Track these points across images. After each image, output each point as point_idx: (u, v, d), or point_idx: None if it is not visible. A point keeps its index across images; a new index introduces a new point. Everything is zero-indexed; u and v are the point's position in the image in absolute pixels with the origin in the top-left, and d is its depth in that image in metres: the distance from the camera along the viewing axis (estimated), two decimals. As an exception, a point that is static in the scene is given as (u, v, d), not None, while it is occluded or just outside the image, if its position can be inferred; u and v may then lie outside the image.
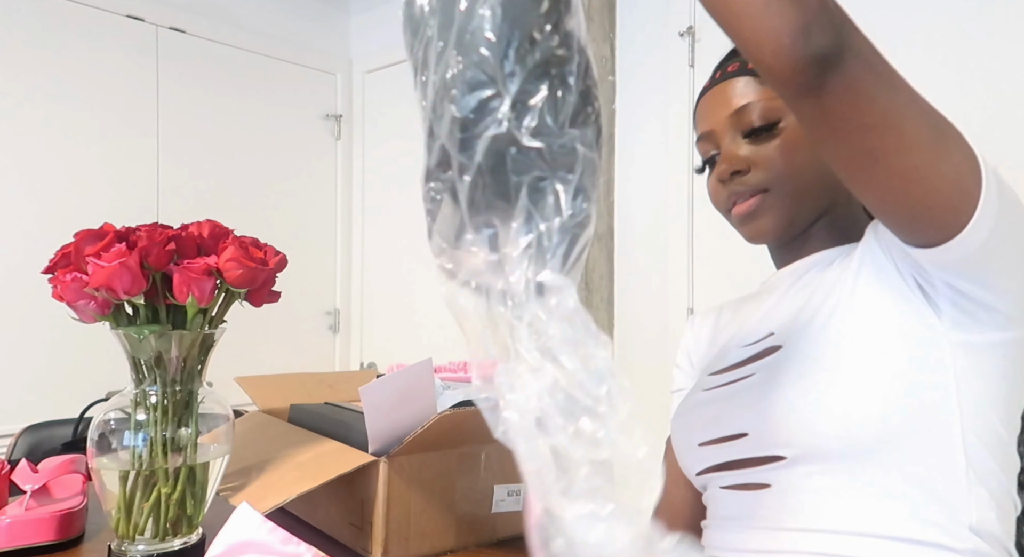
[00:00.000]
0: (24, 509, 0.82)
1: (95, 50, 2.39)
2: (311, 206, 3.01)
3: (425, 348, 2.66)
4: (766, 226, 0.74)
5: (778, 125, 0.72)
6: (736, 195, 0.75)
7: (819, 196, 0.73)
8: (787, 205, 0.73)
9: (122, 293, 0.72)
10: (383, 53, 3.00)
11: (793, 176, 0.72)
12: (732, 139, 0.75)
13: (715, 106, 0.77)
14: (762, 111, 0.73)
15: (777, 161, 0.72)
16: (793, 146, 0.71)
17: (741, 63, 0.76)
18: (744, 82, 0.75)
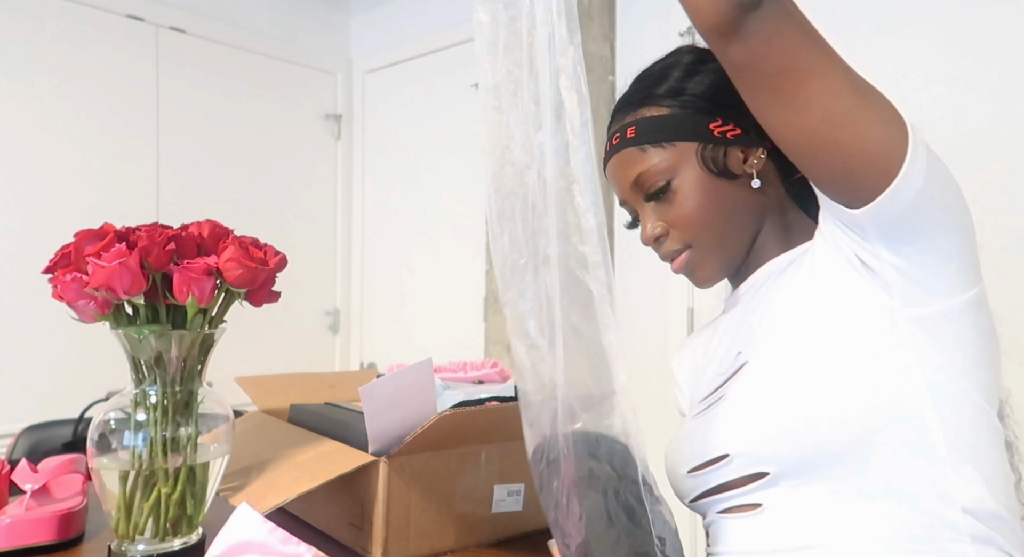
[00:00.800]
0: (24, 509, 0.82)
1: (95, 50, 2.39)
2: (311, 206, 3.01)
3: (425, 348, 2.66)
4: (706, 275, 0.77)
5: (670, 186, 0.74)
6: (668, 255, 0.78)
7: (739, 233, 0.75)
8: (715, 252, 0.75)
9: (122, 293, 0.72)
10: (383, 53, 3.01)
11: (704, 228, 0.74)
12: (641, 205, 0.78)
13: (617, 177, 0.79)
14: (653, 178, 0.75)
15: (685, 218, 0.74)
16: (691, 201, 0.73)
17: (621, 134, 0.79)
18: (627, 154, 0.77)
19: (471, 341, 2.51)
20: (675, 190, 0.74)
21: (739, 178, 0.74)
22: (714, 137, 0.74)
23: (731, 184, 0.74)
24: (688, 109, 0.75)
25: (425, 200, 2.86)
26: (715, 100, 0.74)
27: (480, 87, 0.68)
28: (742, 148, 0.74)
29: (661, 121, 0.75)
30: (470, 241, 2.58)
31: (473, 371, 1.14)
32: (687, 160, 0.74)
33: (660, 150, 0.75)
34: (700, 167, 0.74)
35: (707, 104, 0.74)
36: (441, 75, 2.78)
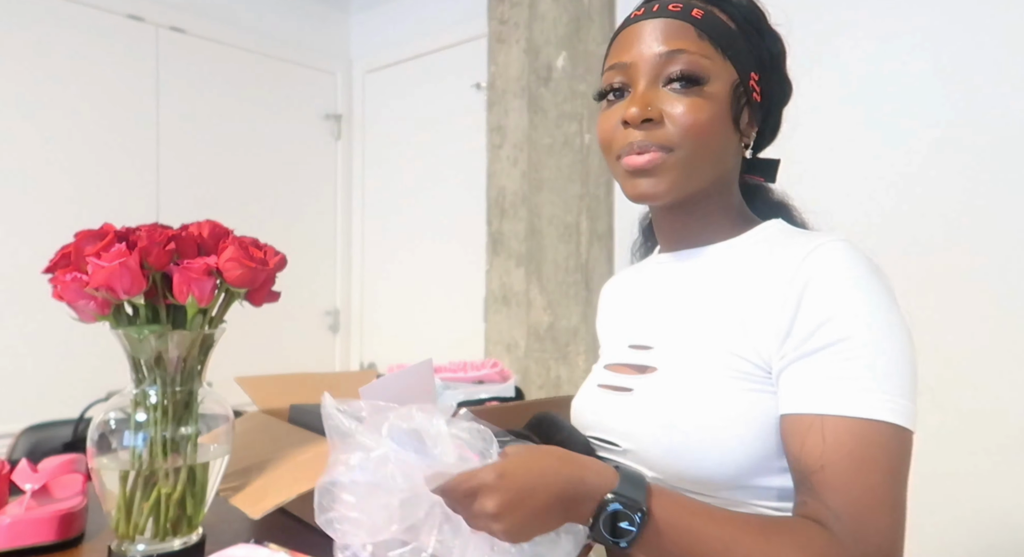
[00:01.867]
0: (24, 509, 0.82)
1: (95, 50, 2.39)
2: (311, 206, 3.01)
3: (425, 348, 2.66)
4: (663, 188, 0.70)
5: (703, 86, 0.69)
6: (638, 145, 0.69)
7: (711, 170, 0.72)
8: (682, 171, 0.69)
9: (122, 293, 0.72)
10: (383, 53, 3.01)
11: (699, 143, 0.69)
12: (652, 82, 0.70)
13: (644, 39, 0.70)
14: (694, 65, 0.69)
15: (691, 123, 0.68)
16: (710, 110, 0.69)
17: (684, 6, 0.71)
18: (683, 27, 0.70)
19: (471, 341, 2.51)
20: (703, 93, 0.69)
21: (737, 132, 0.72)
22: (748, 84, 0.72)
23: (732, 131, 0.72)
24: (750, 44, 0.72)
25: (425, 200, 2.86)
26: (771, 64, 0.73)
27: None
28: (751, 114, 0.73)
29: (729, 31, 0.71)
30: (470, 241, 2.57)
31: (473, 371, 1.14)
32: (725, 80, 0.70)
33: (714, 50, 0.69)
34: (728, 95, 0.70)
35: (766, 58, 0.73)
36: (441, 75, 2.78)
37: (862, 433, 0.59)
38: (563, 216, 2.07)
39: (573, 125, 2.06)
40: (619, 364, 0.78)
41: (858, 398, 0.60)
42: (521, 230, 2.09)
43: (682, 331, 0.73)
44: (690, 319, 0.72)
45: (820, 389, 0.62)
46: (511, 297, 2.13)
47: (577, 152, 2.06)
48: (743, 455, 0.64)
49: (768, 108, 0.76)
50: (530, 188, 2.08)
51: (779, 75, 0.76)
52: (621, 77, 0.72)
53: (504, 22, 2.13)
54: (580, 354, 2.06)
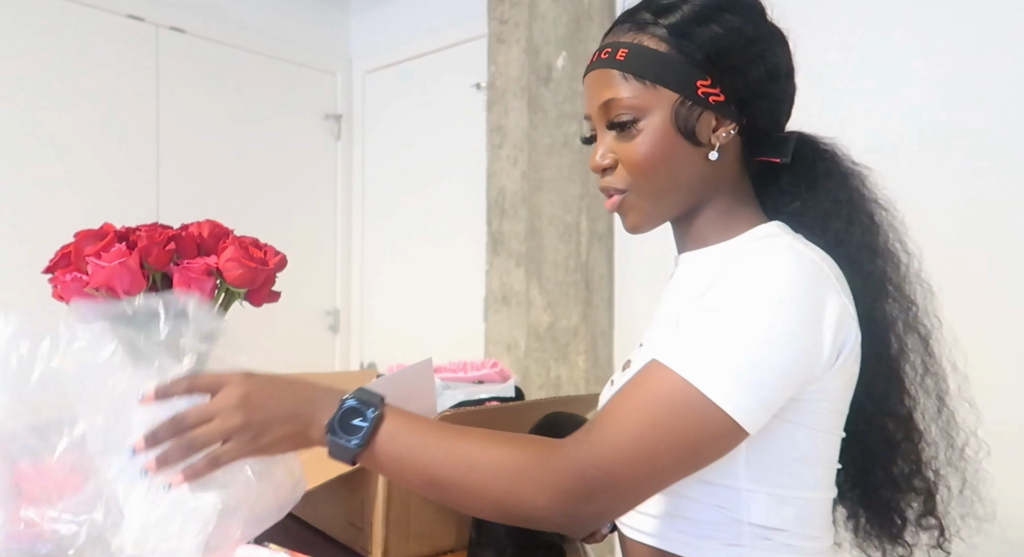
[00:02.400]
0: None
1: (95, 50, 2.39)
2: (311, 206, 3.01)
3: (425, 348, 2.66)
4: (634, 222, 0.77)
5: (636, 124, 0.72)
6: (604, 190, 0.77)
7: (677, 196, 0.75)
8: (645, 205, 0.75)
9: (122, 293, 0.72)
10: (383, 53, 3.01)
11: (647, 178, 0.73)
12: (603, 130, 0.76)
13: (589, 92, 0.77)
14: (624, 109, 0.72)
15: (633, 163, 0.73)
16: (647, 147, 0.72)
17: (612, 50, 0.74)
18: (610, 74, 0.73)
19: (471, 341, 2.51)
20: (638, 130, 0.72)
21: (700, 146, 0.72)
22: (696, 96, 0.71)
23: (690, 148, 0.72)
24: (684, 56, 0.71)
25: (425, 200, 2.85)
26: (714, 58, 0.71)
27: None
28: (717, 116, 0.72)
29: (654, 58, 0.72)
30: (470, 241, 2.57)
31: (473, 371, 1.14)
32: (661, 107, 0.71)
33: (640, 86, 0.72)
34: (670, 120, 0.71)
35: (705, 59, 0.71)
36: (441, 75, 2.78)
37: (665, 380, 0.62)
38: (563, 216, 2.07)
39: (573, 125, 2.06)
40: (628, 361, 0.81)
41: (686, 355, 0.62)
42: (521, 230, 2.09)
43: (661, 333, 0.75)
44: (664, 318, 0.77)
45: (668, 341, 0.65)
46: (511, 297, 2.13)
47: (577, 152, 2.06)
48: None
49: (742, 96, 0.73)
50: (530, 188, 2.08)
51: (739, 64, 0.72)
52: (589, 125, 0.79)
53: (504, 22, 2.13)
54: (580, 354, 2.07)
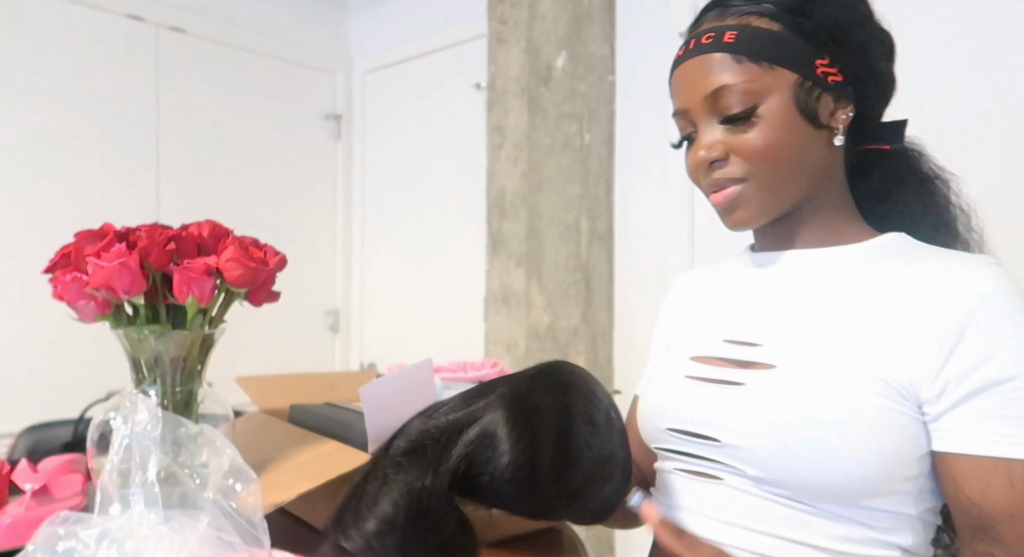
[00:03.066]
0: (24, 509, 0.82)
1: (95, 50, 2.39)
2: (311, 206, 3.01)
3: (425, 348, 2.66)
4: (744, 217, 0.71)
5: (756, 111, 0.67)
6: (714, 184, 0.72)
7: (798, 184, 0.70)
8: (765, 195, 0.70)
9: (122, 293, 0.72)
10: (383, 53, 3.01)
11: (771, 166, 0.68)
12: (709, 123, 0.70)
13: (690, 83, 0.71)
14: (739, 96, 0.67)
15: (755, 151, 0.68)
16: (771, 133, 0.67)
17: (716, 34, 0.69)
18: (719, 59, 0.68)
19: (471, 341, 2.51)
20: (759, 117, 0.67)
21: (822, 129, 0.69)
22: (815, 75, 0.67)
23: (813, 131, 0.68)
24: (802, 35, 0.67)
25: (425, 200, 2.85)
26: (833, 36, 0.68)
27: None
28: (835, 98, 0.69)
29: (769, 37, 0.67)
30: (470, 241, 2.57)
31: (473, 371, 1.14)
32: (781, 89, 0.67)
33: (757, 68, 0.67)
34: (792, 101, 0.67)
35: (824, 37, 0.67)
36: (441, 75, 2.78)
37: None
38: (563, 216, 2.06)
39: (573, 125, 2.06)
40: (713, 358, 0.74)
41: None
42: (521, 230, 2.09)
43: (799, 333, 0.69)
44: (808, 323, 0.69)
45: (997, 430, 0.58)
46: (511, 297, 2.13)
47: (577, 152, 2.06)
48: (866, 471, 0.61)
49: (860, 77, 0.70)
50: (530, 188, 2.08)
51: (855, 41, 0.69)
52: (684, 122, 0.73)
53: (504, 22, 2.13)
54: (580, 354, 2.07)
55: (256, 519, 0.56)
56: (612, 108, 2.14)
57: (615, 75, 2.16)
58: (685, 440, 0.72)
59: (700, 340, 0.78)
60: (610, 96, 2.14)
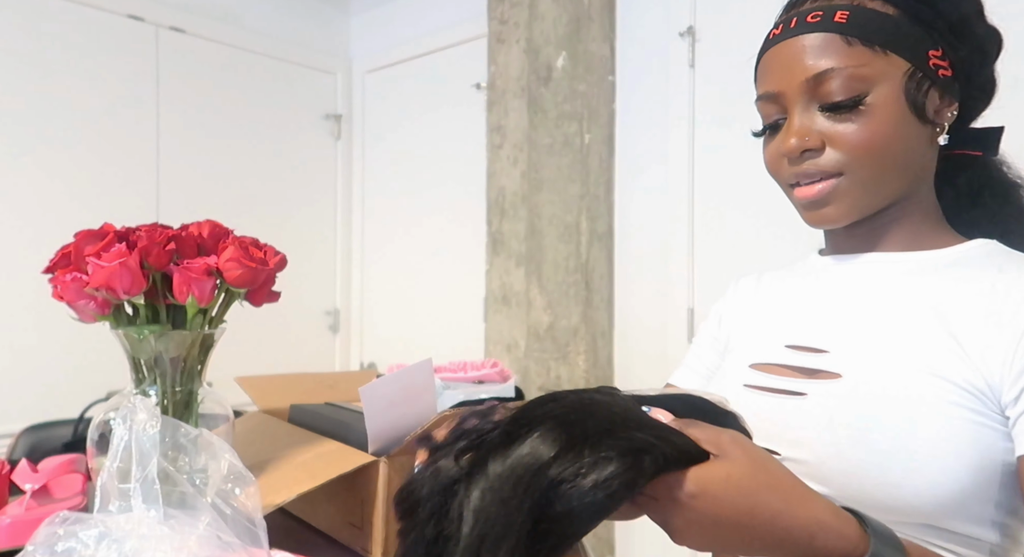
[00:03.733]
0: (24, 509, 0.82)
1: (95, 50, 2.39)
2: (311, 206, 3.01)
3: (425, 348, 2.66)
4: (834, 214, 0.66)
5: (864, 100, 0.62)
6: (804, 175, 0.65)
7: (896, 182, 0.65)
8: (861, 193, 0.64)
9: (122, 293, 0.72)
10: (383, 53, 3.01)
11: (874, 161, 0.62)
12: (805, 108, 0.64)
13: (788, 64, 0.64)
14: (847, 81, 0.61)
15: (858, 143, 0.62)
16: (879, 125, 0.61)
17: (824, 13, 0.63)
18: (827, 40, 0.62)
19: (471, 341, 2.51)
20: (867, 107, 0.61)
21: (927, 124, 0.64)
22: (927, 66, 0.62)
23: (919, 127, 0.63)
24: (919, 22, 0.62)
25: (425, 200, 2.86)
26: (952, 26, 0.63)
27: None
28: (941, 94, 0.64)
29: (885, 21, 0.62)
30: (470, 241, 2.57)
31: (473, 371, 1.14)
32: (892, 77, 0.62)
33: (870, 53, 0.61)
34: (902, 93, 0.62)
35: (942, 26, 0.63)
36: (441, 75, 2.78)
37: None
38: (563, 216, 2.06)
39: (573, 125, 2.06)
40: (774, 365, 0.69)
41: None
42: (521, 230, 2.09)
43: (871, 340, 0.63)
44: (883, 329, 0.63)
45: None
46: (511, 297, 2.13)
47: (577, 152, 2.06)
48: (950, 490, 0.55)
49: (968, 75, 0.66)
50: (530, 188, 2.08)
51: (972, 35, 0.65)
52: (772, 108, 0.68)
53: (504, 22, 2.13)
54: (580, 354, 2.06)
55: (255, 519, 0.56)
56: (612, 108, 2.14)
57: (615, 75, 2.16)
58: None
59: (760, 346, 0.72)
60: (610, 96, 2.14)
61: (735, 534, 0.44)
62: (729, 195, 1.89)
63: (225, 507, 0.56)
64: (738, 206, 1.87)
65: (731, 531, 0.44)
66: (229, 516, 0.55)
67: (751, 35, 2.17)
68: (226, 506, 0.56)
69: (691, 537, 0.44)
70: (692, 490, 0.43)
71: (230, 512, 0.56)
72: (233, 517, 0.55)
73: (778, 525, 0.44)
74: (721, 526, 0.43)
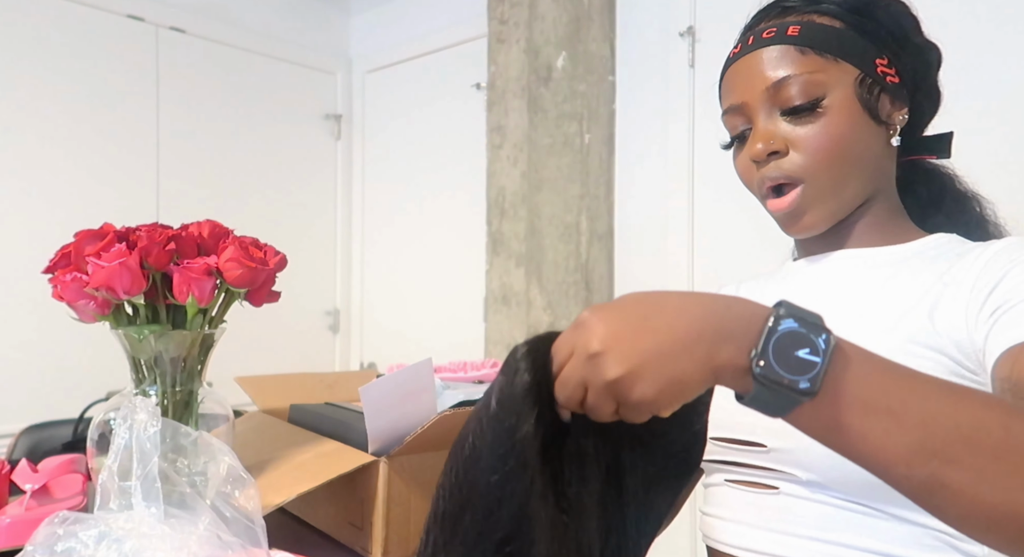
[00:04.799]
0: (24, 509, 0.82)
1: (95, 50, 2.39)
2: (311, 206, 3.01)
3: (425, 348, 2.66)
4: (813, 221, 0.69)
5: (821, 103, 0.66)
6: (770, 180, 0.69)
7: (859, 182, 0.68)
8: (830, 196, 0.68)
9: (122, 293, 0.72)
10: (383, 53, 3.01)
11: (834, 161, 0.66)
12: (768, 116, 0.69)
13: (748, 76, 0.69)
14: (804, 86, 0.66)
15: (819, 145, 0.66)
16: (836, 127, 0.66)
17: (778, 29, 0.68)
18: (782, 51, 0.67)
19: (471, 341, 2.51)
20: (824, 109, 0.66)
21: (881, 126, 0.68)
22: (876, 73, 0.67)
23: (874, 128, 0.68)
24: (863, 34, 0.68)
25: (425, 200, 2.86)
26: (895, 37, 0.68)
27: None
28: (892, 99, 0.69)
29: (833, 33, 0.67)
30: (470, 241, 2.57)
31: (473, 371, 1.14)
32: (844, 82, 0.66)
33: (822, 60, 0.66)
34: (855, 95, 0.67)
35: (886, 37, 0.68)
36: (441, 75, 2.78)
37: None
38: (563, 216, 2.06)
39: (573, 125, 2.06)
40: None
41: None
42: (521, 230, 2.09)
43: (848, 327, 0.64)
44: (859, 316, 0.66)
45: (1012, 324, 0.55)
46: (511, 297, 2.13)
47: (577, 152, 2.06)
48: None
49: (914, 82, 0.71)
50: (530, 188, 2.08)
51: (912, 45, 0.70)
52: (737, 119, 0.72)
53: (504, 22, 2.13)
54: (580, 354, 2.06)
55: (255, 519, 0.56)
56: (612, 108, 2.14)
57: (615, 75, 2.16)
58: (731, 449, 0.69)
59: None
60: (610, 96, 2.14)
61: (660, 323, 0.41)
62: (729, 195, 1.88)
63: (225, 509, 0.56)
64: (738, 206, 1.87)
65: (655, 318, 0.41)
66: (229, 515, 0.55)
67: (751, 35, 2.13)
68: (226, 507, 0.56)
69: (618, 352, 0.40)
70: (585, 313, 0.42)
71: (230, 514, 0.56)
72: (233, 518, 0.55)
73: (694, 300, 0.42)
74: (641, 315, 0.41)
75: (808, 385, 0.40)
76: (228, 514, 0.55)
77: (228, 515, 0.55)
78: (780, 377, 0.40)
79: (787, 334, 0.40)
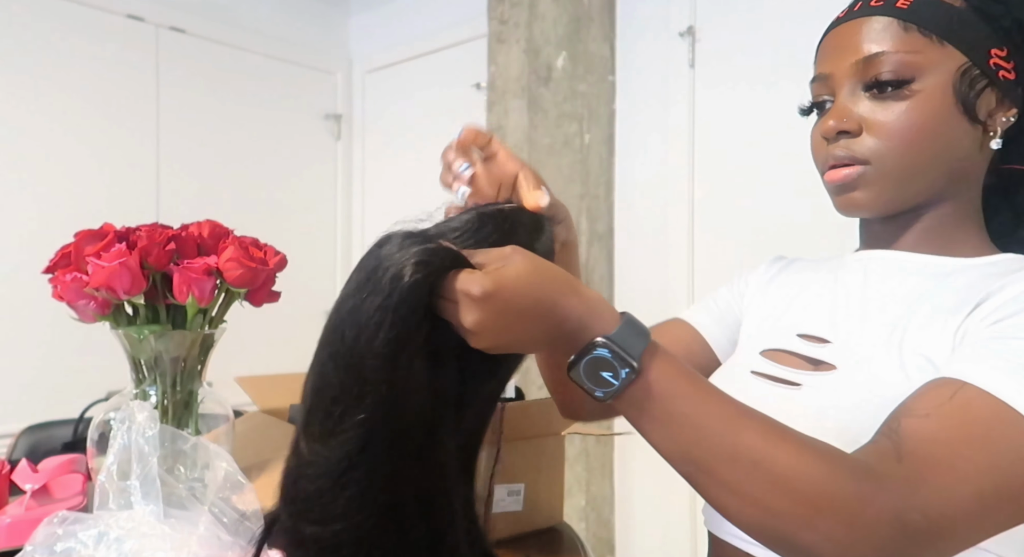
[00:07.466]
0: (24, 509, 0.82)
1: (95, 50, 2.39)
2: (311, 206, 3.01)
3: (425, 348, 2.66)
4: (862, 200, 0.64)
5: (910, 85, 0.60)
6: (835, 159, 0.64)
7: (930, 178, 0.62)
8: (887, 185, 0.62)
9: (122, 293, 0.72)
10: (383, 53, 3.01)
11: (907, 151, 0.61)
12: (851, 91, 0.64)
13: (842, 46, 0.64)
14: (897, 65, 0.60)
15: (895, 131, 0.61)
16: (919, 115, 0.60)
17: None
18: (884, 24, 0.62)
19: (471, 341, 2.51)
20: (911, 92, 0.60)
21: (976, 125, 0.61)
22: (986, 64, 0.60)
23: (966, 125, 0.61)
24: (985, 18, 0.61)
25: (425, 200, 2.85)
26: (1022, 28, 0.61)
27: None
28: (999, 97, 0.62)
29: (947, 11, 0.61)
30: (470, 241, 2.58)
31: (473, 371, 1.13)
32: (944, 70, 0.60)
33: (925, 41, 0.60)
34: (951, 86, 0.60)
35: (1010, 24, 0.61)
36: (441, 75, 2.78)
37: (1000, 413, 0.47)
38: (563, 216, 2.06)
39: (573, 125, 2.06)
40: (783, 352, 0.68)
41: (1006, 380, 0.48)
42: (521, 230, 2.09)
43: (874, 334, 0.62)
44: (888, 324, 0.61)
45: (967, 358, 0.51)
46: (511, 297, 2.13)
47: (577, 152, 2.06)
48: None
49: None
50: (530, 188, 2.07)
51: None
52: (820, 88, 0.67)
53: (504, 22, 2.13)
54: (580, 354, 2.06)
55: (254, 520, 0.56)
56: (612, 108, 2.14)
57: (615, 75, 2.16)
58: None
59: (774, 332, 0.71)
60: (610, 96, 2.14)
61: (521, 327, 0.49)
62: (729, 195, 1.88)
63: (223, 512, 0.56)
64: (738, 206, 1.87)
65: (518, 324, 0.49)
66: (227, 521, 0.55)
67: (751, 35, 2.17)
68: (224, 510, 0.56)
69: (484, 336, 0.49)
70: (488, 287, 0.47)
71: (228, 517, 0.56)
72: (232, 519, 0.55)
73: (556, 313, 0.50)
74: (510, 319, 0.48)
75: (602, 395, 0.50)
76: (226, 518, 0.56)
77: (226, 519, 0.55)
78: (584, 383, 0.50)
79: (597, 359, 0.49)
